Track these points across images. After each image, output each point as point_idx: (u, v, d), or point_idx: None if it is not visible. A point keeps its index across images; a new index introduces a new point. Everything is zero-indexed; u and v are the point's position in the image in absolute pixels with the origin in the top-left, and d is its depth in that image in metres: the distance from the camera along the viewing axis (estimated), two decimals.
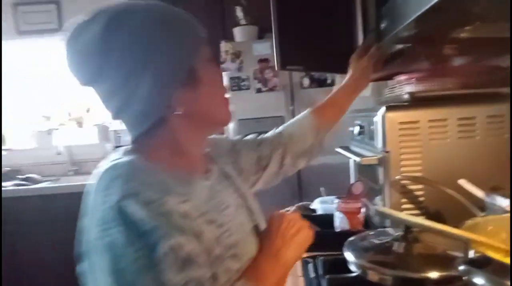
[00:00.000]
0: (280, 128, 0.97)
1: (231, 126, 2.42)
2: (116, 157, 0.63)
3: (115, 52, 0.59)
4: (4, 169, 3.03)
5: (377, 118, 1.05)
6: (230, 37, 2.56)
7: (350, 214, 1.13)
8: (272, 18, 1.19)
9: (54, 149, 3.05)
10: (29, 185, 2.76)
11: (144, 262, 0.50)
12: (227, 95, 0.73)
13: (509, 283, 0.46)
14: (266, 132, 0.96)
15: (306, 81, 2.35)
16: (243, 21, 2.57)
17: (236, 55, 2.35)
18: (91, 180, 0.60)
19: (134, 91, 0.61)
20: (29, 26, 3.13)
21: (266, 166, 0.91)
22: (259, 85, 2.38)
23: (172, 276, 0.51)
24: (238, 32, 2.56)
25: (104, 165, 0.61)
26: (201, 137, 0.73)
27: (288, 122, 0.99)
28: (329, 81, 2.31)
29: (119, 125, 2.73)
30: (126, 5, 0.62)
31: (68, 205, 0.90)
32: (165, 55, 0.61)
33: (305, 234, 0.70)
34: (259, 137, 0.95)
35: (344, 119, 1.08)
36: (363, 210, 1.15)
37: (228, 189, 0.74)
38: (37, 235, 2.60)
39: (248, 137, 0.95)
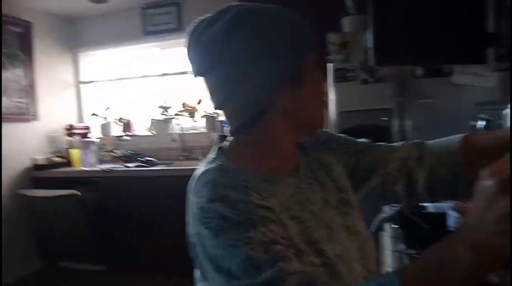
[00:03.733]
0: (414, 142, 0.80)
1: (332, 118, 2.37)
2: (209, 160, 0.71)
3: (233, 45, 0.65)
4: (129, 152, 3.48)
5: (507, 111, 0.93)
6: (337, 28, 2.49)
7: None
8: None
9: (170, 136, 3.36)
10: (148, 167, 3.11)
11: (233, 248, 0.56)
12: (325, 100, 0.75)
13: None
14: (370, 127, 0.85)
15: (420, 71, 2.16)
16: (352, 11, 2.47)
17: (344, 46, 2.28)
18: (191, 179, 0.68)
19: (241, 83, 0.67)
20: (154, 27, 3.50)
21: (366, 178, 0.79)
22: (365, 76, 2.27)
23: (261, 255, 0.54)
24: (346, 23, 2.47)
25: (200, 168, 0.69)
26: (293, 138, 0.75)
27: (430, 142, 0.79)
28: (446, 70, 2.09)
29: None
30: (248, 5, 0.69)
31: (180, 186, 1.00)
32: (276, 54, 0.66)
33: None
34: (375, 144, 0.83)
35: (464, 112, 0.97)
36: None
37: (315, 185, 0.74)
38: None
39: (362, 140, 0.83)
